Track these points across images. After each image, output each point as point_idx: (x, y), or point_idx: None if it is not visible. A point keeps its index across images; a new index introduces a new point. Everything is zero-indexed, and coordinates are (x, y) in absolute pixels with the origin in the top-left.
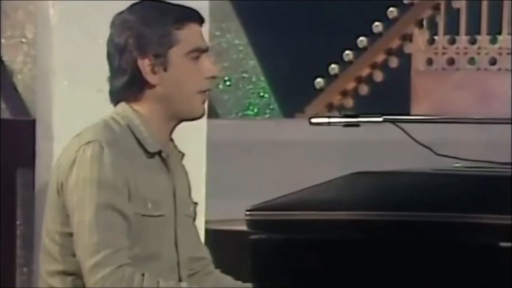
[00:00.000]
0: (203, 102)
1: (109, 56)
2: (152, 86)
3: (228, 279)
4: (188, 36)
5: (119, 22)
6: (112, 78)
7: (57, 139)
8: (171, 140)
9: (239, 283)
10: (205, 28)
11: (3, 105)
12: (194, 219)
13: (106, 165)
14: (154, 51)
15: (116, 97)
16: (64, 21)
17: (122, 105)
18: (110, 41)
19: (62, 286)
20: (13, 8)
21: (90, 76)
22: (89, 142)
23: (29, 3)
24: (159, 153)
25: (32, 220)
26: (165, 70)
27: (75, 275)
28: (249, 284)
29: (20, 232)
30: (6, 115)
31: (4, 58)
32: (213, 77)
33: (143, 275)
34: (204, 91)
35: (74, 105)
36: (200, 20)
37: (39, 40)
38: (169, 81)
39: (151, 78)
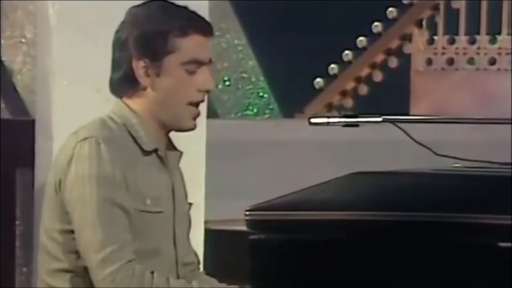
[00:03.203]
0: (193, 117)
1: (112, 46)
2: (144, 88)
3: (213, 281)
4: (188, 46)
5: (129, 15)
6: (111, 70)
7: (56, 139)
8: (169, 138)
9: (223, 285)
10: None
11: (2, 105)
12: (189, 221)
13: (104, 161)
14: (150, 54)
15: (113, 89)
16: (64, 21)
17: (119, 104)
18: (116, 32)
19: (61, 284)
20: (13, 8)
21: (89, 76)
22: (86, 138)
23: (28, 3)
24: (155, 151)
25: (32, 220)
26: (158, 75)
27: (74, 273)
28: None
29: (20, 232)
30: (5, 115)
31: (4, 58)
32: (207, 91)
33: (152, 273)
34: (195, 103)
35: (73, 105)
36: (207, 32)
37: (38, 40)
38: (160, 87)
39: (143, 81)
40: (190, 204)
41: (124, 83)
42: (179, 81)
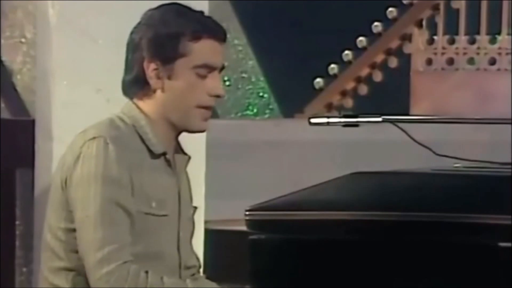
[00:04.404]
0: (204, 119)
1: (126, 48)
2: (155, 90)
3: (212, 284)
4: (200, 50)
5: (145, 17)
6: (124, 71)
7: (56, 139)
8: (178, 142)
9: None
10: None
11: (2, 105)
12: (193, 225)
13: (111, 161)
14: (162, 56)
15: (125, 90)
16: (63, 22)
17: (130, 105)
18: (131, 33)
19: (64, 282)
20: (12, 8)
21: (89, 76)
22: (94, 138)
23: (28, 3)
24: (163, 154)
25: (32, 220)
26: (169, 78)
27: (76, 271)
28: None
29: (20, 232)
30: (5, 115)
31: (3, 58)
32: (217, 96)
33: (146, 272)
34: (205, 107)
35: (73, 105)
36: (220, 37)
37: (38, 40)
38: (170, 89)
39: (154, 82)
40: (195, 208)
41: (135, 84)
42: (190, 84)
